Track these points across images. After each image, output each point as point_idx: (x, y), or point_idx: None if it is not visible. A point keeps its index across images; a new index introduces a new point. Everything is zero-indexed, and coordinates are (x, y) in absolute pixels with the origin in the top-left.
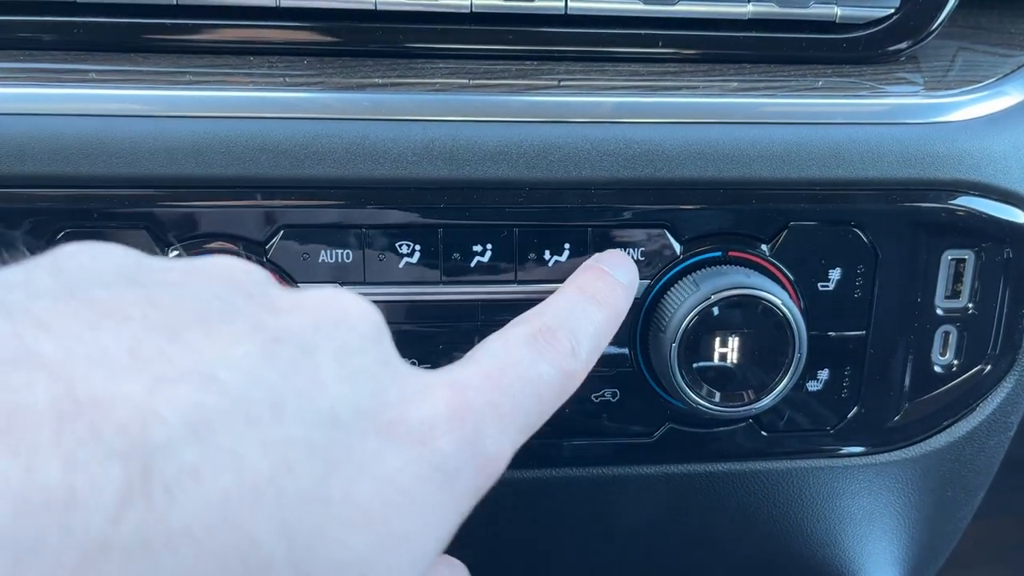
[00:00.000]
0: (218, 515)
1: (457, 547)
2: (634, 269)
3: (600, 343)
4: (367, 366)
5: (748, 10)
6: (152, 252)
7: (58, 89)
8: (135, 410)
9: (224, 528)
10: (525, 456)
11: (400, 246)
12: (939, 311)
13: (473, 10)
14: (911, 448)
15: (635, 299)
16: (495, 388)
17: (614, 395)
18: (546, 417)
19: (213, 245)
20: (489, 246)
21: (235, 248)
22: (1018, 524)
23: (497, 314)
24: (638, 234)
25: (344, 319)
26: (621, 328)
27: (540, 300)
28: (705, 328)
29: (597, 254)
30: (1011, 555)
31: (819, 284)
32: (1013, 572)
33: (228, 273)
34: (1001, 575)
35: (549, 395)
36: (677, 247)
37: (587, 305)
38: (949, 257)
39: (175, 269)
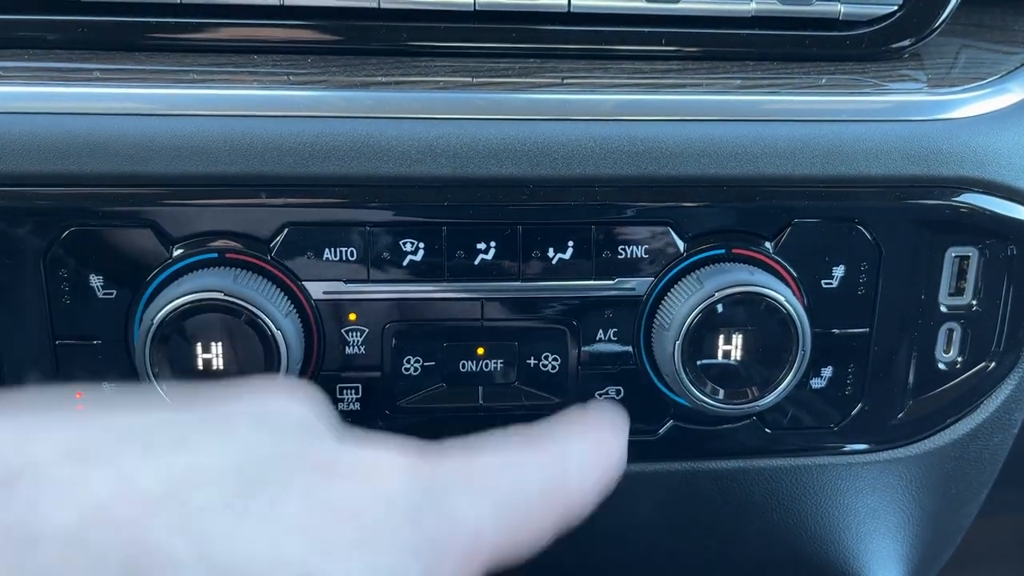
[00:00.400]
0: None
1: None
2: (622, 420)
3: (595, 471)
4: (300, 430)
5: (751, 8)
6: (156, 250)
7: (63, 88)
8: None
9: (125, 532)
10: None
11: (404, 244)
12: (943, 308)
13: (476, 8)
14: (915, 445)
15: (639, 296)
16: (468, 462)
17: (618, 392)
18: (540, 523)
19: (218, 243)
20: (493, 244)
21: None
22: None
23: (501, 311)
24: (642, 231)
25: (275, 410)
26: (624, 325)
27: (543, 298)
28: (709, 325)
29: (602, 405)
30: (1015, 553)
31: (823, 281)
32: (1017, 570)
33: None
34: (1004, 574)
35: (535, 491)
36: (681, 244)
37: (576, 433)
38: (953, 254)
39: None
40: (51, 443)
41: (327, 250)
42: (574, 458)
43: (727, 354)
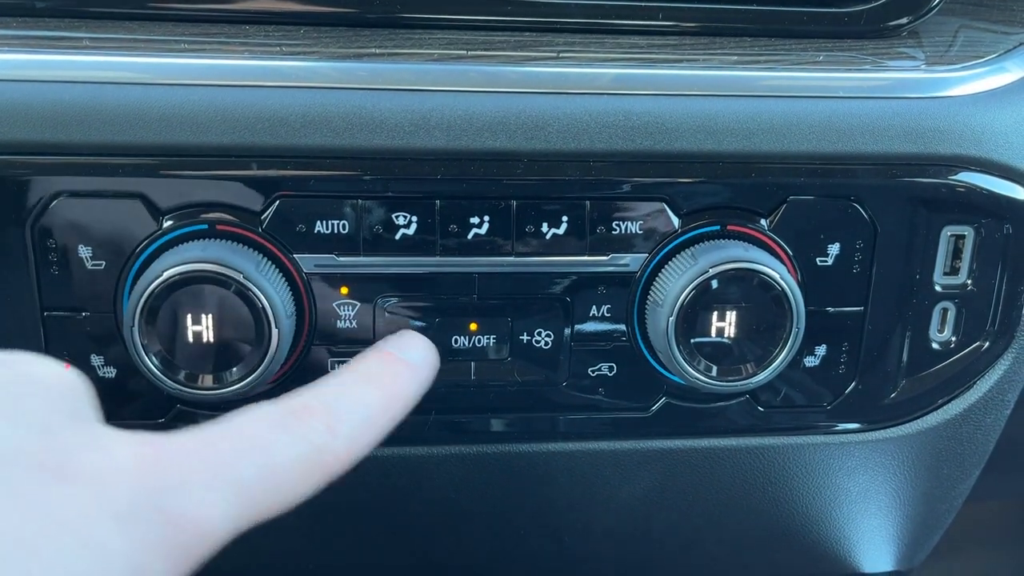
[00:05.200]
0: None
1: (449, 518)
2: (426, 347)
3: (372, 423)
4: (39, 416)
5: None
6: (146, 220)
7: (52, 56)
8: None
9: None
10: (521, 430)
11: (396, 217)
12: (938, 287)
13: None
14: (907, 425)
15: (633, 273)
16: (206, 450)
17: (611, 369)
18: (294, 492)
19: (208, 215)
20: (486, 218)
21: None
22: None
23: (494, 286)
24: (637, 207)
25: (23, 377)
26: (617, 302)
27: (537, 273)
28: (703, 302)
29: (386, 337)
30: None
31: (818, 259)
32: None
33: None
34: (994, 555)
35: (288, 467)
36: (675, 221)
37: (357, 386)
38: (948, 233)
39: None
40: None
41: (319, 223)
42: (344, 419)
43: (721, 331)
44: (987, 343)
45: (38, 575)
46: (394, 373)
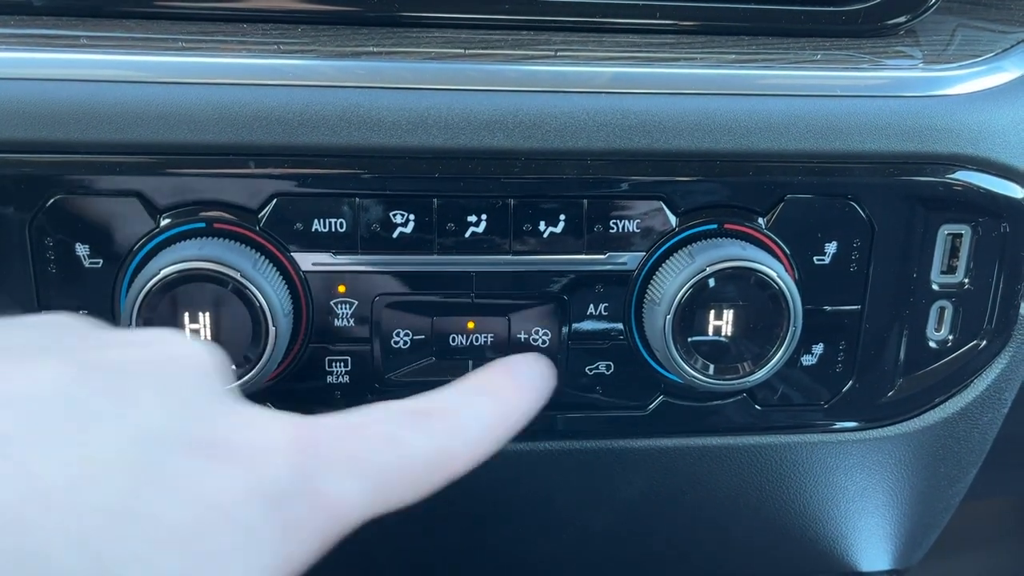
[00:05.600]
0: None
1: (446, 517)
2: (547, 366)
3: (491, 433)
4: (190, 396)
5: None
6: (143, 219)
7: (49, 54)
8: None
9: (3, 534)
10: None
11: (394, 216)
12: (935, 286)
13: None
14: (905, 424)
15: (630, 271)
16: (352, 436)
17: (608, 368)
18: (418, 489)
19: (205, 213)
20: (484, 217)
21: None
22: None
23: (491, 285)
24: (634, 206)
25: (174, 357)
26: (615, 301)
27: (534, 272)
28: (700, 300)
29: (512, 356)
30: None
31: (815, 257)
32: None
33: (71, 321)
34: (992, 554)
35: (418, 465)
36: (673, 219)
37: (478, 395)
38: (946, 232)
39: (29, 321)
40: None
41: (316, 221)
42: (466, 425)
43: (718, 329)
44: (984, 342)
45: (190, 557)
46: (516, 387)
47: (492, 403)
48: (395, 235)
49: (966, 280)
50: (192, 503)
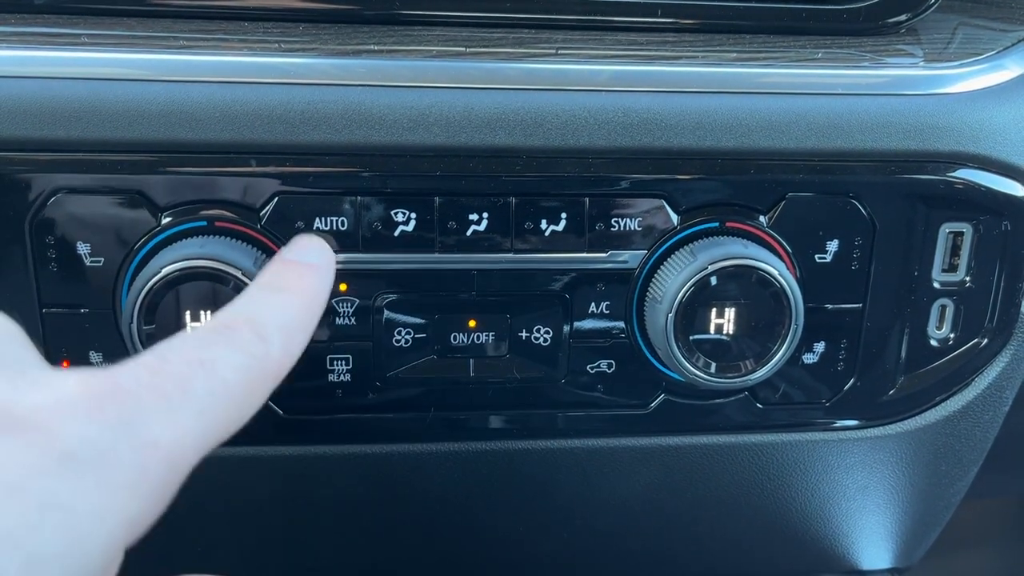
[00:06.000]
0: None
1: (448, 516)
2: (323, 249)
3: (296, 325)
4: None
5: None
6: (145, 217)
7: (50, 52)
8: None
9: None
10: (520, 427)
11: (395, 214)
12: (936, 284)
13: None
14: (906, 422)
15: (632, 270)
16: (156, 373)
17: (609, 366)
18: (246, 405)
19: (207, 212)
20: (485, 215)
21: None
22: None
23: (493, 283)
24: (635, 204)
25: None
26: (616, 299)
27: (535, 270)
28: (701, 299)
29: (283, 247)
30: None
31: (816, 256)
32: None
33: None
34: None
35: (235, 379)
36: (674, 217)
37: (269, 294)
38: (947, 230)
39: None
40: None
41: (318, 219)
42: (272, 325)
43: (719, 328)
44: (985, 340)
45: None
46: (299, 275)
47: (289, 296)
48: (396, 233)
49: (967, 278)
50: None
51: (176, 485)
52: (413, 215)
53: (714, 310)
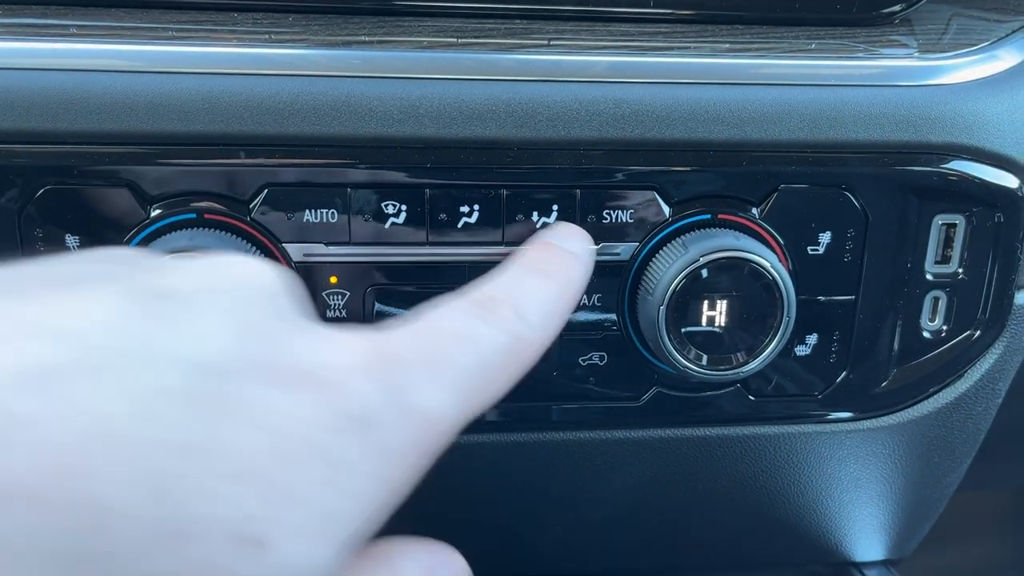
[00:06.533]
0: (57, 467)
1: (438, 507)
2: (586, 239)
3: (554, 311)
4: (260, 319)
5: None
6: (134, 209)
7: (38, 43)
8: None
9: (66, 480)
10: (512, 419)
11: (386, 206)
12: (929, 276)
13: None
14: (898, 414)
15: (623, 262)
16: (426, 342)
17: (601, 359)
18: (500, 385)
19: (196, 204)
20: (476, 207)
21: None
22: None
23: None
24: (627, 196)
25: (239, 279)
26: (608, 291)
27: None
28: (693, 291)
29: (545, 228)
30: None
31: (809, 248)
32: (997, 543)
33: (123, 251)
34: (984, 546)
35: (495, 358)
36: (666, 209)
37: (532, 276)
38: (940, 222)
39: (77, 256)
40: None
41: (307, 211)
42: (531, 308)
43: (711, 320)
44: (978, 332)
45: (271, 492)
46: (561, 262)
47: (548, 281)
48: (387, 225)
49: (960, 270)
50: (268, 434)
51: (434, 455)
52: (404, 207)
53: (706, 302)
